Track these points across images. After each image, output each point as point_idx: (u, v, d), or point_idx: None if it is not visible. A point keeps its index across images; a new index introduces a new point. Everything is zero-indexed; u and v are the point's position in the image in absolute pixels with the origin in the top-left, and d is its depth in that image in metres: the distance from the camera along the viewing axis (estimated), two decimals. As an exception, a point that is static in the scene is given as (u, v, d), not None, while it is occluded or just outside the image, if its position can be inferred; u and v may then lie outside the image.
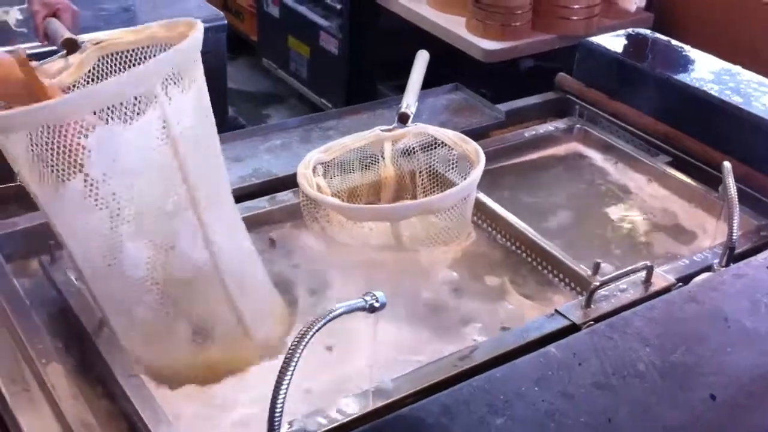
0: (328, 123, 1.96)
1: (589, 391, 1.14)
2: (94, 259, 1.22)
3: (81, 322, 1.29)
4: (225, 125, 2.76)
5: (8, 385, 1.23)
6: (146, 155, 1.17)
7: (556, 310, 1.38)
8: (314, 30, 3.45)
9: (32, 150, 1.13)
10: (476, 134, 1.81)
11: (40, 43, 1.77)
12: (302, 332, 1.05)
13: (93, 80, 1.33)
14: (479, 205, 1.66)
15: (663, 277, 1.46)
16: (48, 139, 1.12)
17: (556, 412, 1.10)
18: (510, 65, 2.85)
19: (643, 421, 1.12)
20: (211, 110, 1.29)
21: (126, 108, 1.13)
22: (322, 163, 1.67)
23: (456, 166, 1.68)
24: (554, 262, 1.54)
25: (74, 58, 1.35)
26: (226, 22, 2.62)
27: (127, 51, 1.34)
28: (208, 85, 2.52)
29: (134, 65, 1.33)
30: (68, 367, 1.25)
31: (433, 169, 1.71)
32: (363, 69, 3.36)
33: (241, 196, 1.66)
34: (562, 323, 1.35)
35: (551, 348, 1.22)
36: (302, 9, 3.50)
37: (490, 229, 1.67)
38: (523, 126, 2.05)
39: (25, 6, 2.27)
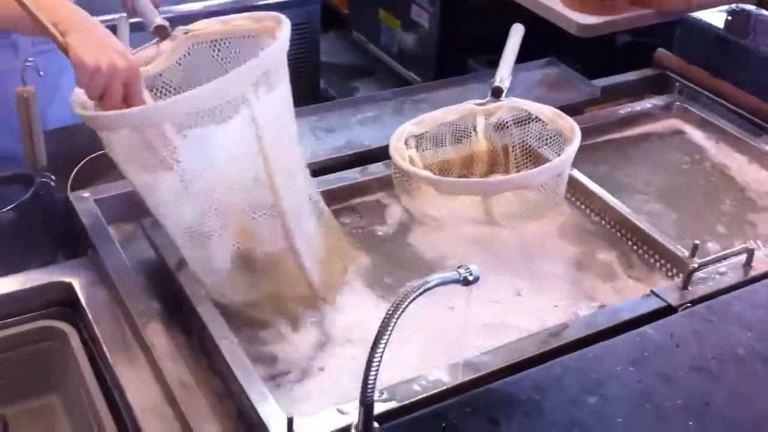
0: (420, 96, 1.96)
1: (686, 374, 1.12)
2: (184, 237, 1.30)
3: (180, 284, 1.32)
4: (317, 97, 2.78)
5: (109, 342, 1.28)
6: (234, 153, 1.24)
7: (652, 291, 1.35)
8: (406, 3, 3.42)
9: (129, 147, 1.21)
10: (570, 110, 1.77)
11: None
12: (396, 303, 1.05)
13: (182, 68, 1.40)
14: (573, 182, 1.63)
15: (764, 260, 1.41)
16: (142, 138, 1.19)
17: (652, 394, 1.08)
18: (604, 40, 2.78)
19: (742, 407, 1.09)
20: (291, 102, 1.33)
21: (217, 111, 1.19)
22: (415, 136, 1.67)
23: (550, 142, 1.66)
24: (650, 242, 1.51)
25: (165, 46, 1.40)
26: (320, -6, 2.64)
27: (216, 40, 1.39)
28: (302, 57, 2.58)
29: (221, 54, 1.38)
30: (167, 327, 1.28)
31: (527, 144, 1.69)
32: (453, 43, 3.33)
33: (334, 166, 1.68)
34: (657, 304, 1.32)
35: (647, 329, 1.20)
36: (394, -19, 3.48)
37: (583, 206, 1.64)
38: (619, 102, 2.00)
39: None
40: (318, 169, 1.60)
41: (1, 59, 1.62)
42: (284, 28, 1.29)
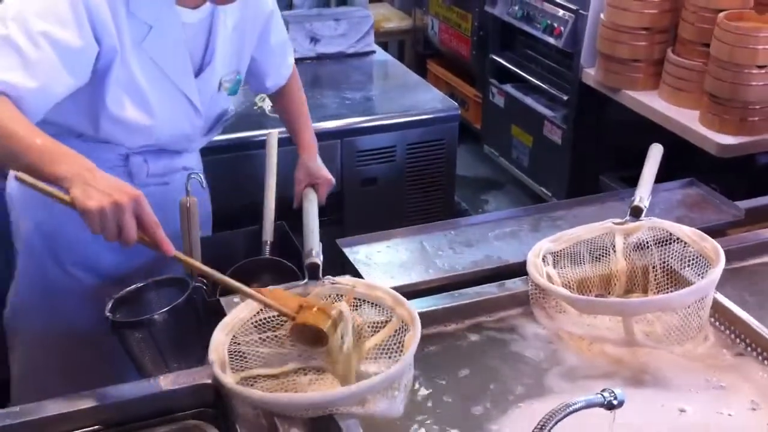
0: (557, 213, 1.98)
1: None
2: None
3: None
4: (450, 209, 2.84)
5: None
6: None
7: (805, 425, 1.29)
8: (539, 120, 3.49)
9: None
10: (712, 231, 1.75)
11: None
12: (540, 425, 1.05)
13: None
14: (717, 306, 1.59)
15: None
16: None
17: None
18: (743, 160, 2.73)
19: None
20: None
21: None
22: (552, 253, 1.68)
23: (692, 264, 1.63)
24: (802, 373, 1.45)
25: (312, 289, 1.48)
26: (459, 112, 2.74)
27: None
28: (439, 171, 2.66)
29: (358, 310, 1.45)
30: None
31: (668, 265, 1.66)
32: (586, 159, 3.35)
33: (472, 280, 1.70)
34: (812, 440, 1.26)
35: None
36: (528, 100, 3.56)
37: (728, 332, 1.59)
38: (764, 225, 1.95)
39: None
40: (456, 283, 1.62)
41: (165, 166, 1.75)
42: (415, 333, 1.35)
